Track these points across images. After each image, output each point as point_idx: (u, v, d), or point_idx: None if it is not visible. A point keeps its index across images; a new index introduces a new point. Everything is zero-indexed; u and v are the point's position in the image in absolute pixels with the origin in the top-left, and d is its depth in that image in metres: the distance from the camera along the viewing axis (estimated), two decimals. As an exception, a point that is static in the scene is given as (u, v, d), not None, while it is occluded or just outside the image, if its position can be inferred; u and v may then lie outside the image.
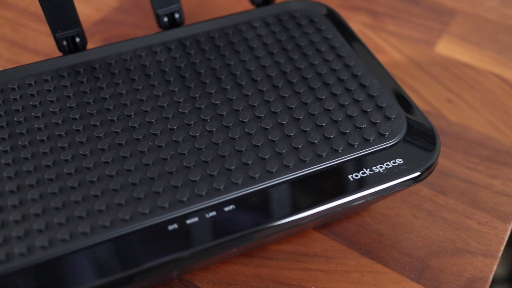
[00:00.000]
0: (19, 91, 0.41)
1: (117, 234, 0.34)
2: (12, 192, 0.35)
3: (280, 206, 0.35)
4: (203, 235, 0.34)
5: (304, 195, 0.36)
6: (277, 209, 0.35)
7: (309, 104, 0.40)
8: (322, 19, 0.46)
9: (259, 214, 0.35)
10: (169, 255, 0.33)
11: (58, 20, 0.43)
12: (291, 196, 0.36)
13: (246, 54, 0.44)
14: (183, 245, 0.33)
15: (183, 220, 0.34)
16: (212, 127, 0.39)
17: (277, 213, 0.35)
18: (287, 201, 0.36)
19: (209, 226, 0.34)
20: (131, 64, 0.43)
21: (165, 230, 0.34)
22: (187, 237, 0.34)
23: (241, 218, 0.35)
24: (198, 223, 0.34)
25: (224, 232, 0.34)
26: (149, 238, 0.34)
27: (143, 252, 0.33)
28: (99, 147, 0.37)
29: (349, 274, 0.40)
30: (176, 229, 0.34)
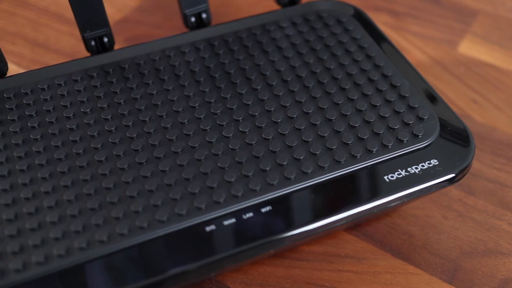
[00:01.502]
0: (49, 92, 0.41)
1: (154, 236, 0.33)
2: (47, 193, 0.35)
3: (317, 207, 0.35)
4: (241, 237, 0.34)
5: (340, 197, 0.36)
6: (314, 210, 0.35)
7: (341, 105, 0.40)
8: (349, 19, 0.46)
9: (295, 216, 0.35)
10: (208, 257, 0.33)
11: (87, 20, 0.43)
12: (327, 197, 0.36)
13: (275, 54, 0.43)
14: (221, 246, 0.33)
15: (221, 221, 0.34)
16: (245, 128, 0.38)
17: (314, 215, 0.35)
18: (324, 202, 0.36)
19: (246, 228, 0.34)
20: (160, 64, 0.43)
21: (203, 231, 0.34)
22: (225, 238, 0.34)
23: (278, 219, 0.35)
24: (235, 224, 0.34)
25: (262, 234, 0.34)
26: (186, 239, 0.34)
27: (182, 254, 0.33)
28: (132, 148, 0.37)
29: (381, 275, 0.40)
30: (214, 230, 0.34)
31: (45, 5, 0.60)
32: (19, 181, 0.35)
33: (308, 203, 0.35)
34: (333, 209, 0.35)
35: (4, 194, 0.35)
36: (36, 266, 0.32)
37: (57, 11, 0.59)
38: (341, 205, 0.35)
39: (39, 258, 0.32)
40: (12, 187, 0.35)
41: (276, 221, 0.35)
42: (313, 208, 0.35)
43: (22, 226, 0.34)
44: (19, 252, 0.32)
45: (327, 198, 0.36)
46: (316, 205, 0.35)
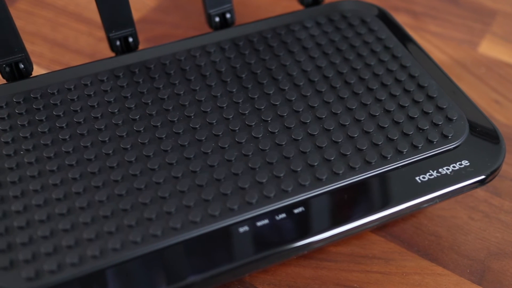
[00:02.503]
0: (76, 92, 0.40)
1: (187, 237, 0.33)
2: (78, 194, 0.35)
3: (349, 208, 0.35)
4: (275, 237, 0.34)
5: (372, 198, 0.36)
6: (347, 211, 0.35)
7: (370, 105, 0.40)
8: (373, 19, 0.46)
9: (328, 217, 0.35)
10: (243, 258, 0.33)
11: (113, 20, 0.43)
12: (359, 198, 0.36)
13: (301, 55, 0.43)
14: (256, 247, 0.33)
15: (254, 222, 0.34)
16: (274, 128, 0.38)
17: (347, 215, 0.35)
18: (356, 203, 0.35)
19: (280, 228, 0.34)
20: (186, 64, 0.42)
21: (236, 232, 0.34)
22: (260, 239, 0.34)
23: (311, 221, 0.35)
24: (268, 225, 0.34)
25: (295, 235, 0.34)
26: (220, 240, 0.33)
27: (216, 255, 0.33)
28: (162, 149, 0.37)
29: (409, 276, 0.40)
30: (247, 231, 0.34)
31: (63, 5, 0.59)
32: (50, 182, 0.35)
33: (341, 204, 0.35)
34: (366, 210, 0.35)
35: (35, 195, 0.35)
36: (70, 267, 0.32)
37: (75, 11, 0.59)
38: (374, 206, 0.35)
39: (73, 259, 0.32)
40: (43, 188, 0.35)
41: (309, 222, 0.34)
42: (347, 208, 0.35)
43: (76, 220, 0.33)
44: (52, 253, 0.32)
45: (360, 199, 0.36)
46: (348, 207, 0.35)
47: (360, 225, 0.35)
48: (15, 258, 0.32)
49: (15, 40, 0.40)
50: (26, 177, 0.35)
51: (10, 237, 0.33)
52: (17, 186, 0.35)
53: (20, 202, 0.34)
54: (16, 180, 0.35)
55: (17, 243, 0.33)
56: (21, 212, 0.34)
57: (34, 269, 0.31)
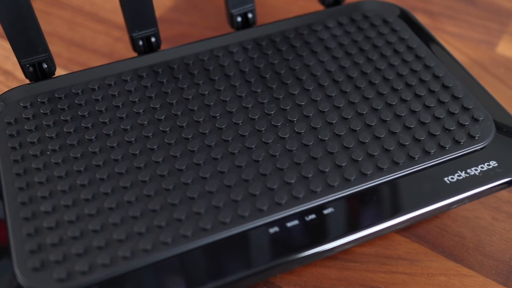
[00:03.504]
0: (100, 92, 0.40)
1: (217, 238, 0.33)
2: (106, 194, 0.35)
3: (379, 209, 0.35)
4: (305, 238, 0.34)
5: (402, 198, 0.35)
6: (377, 212, 0.35)
7: (395, 106, 0.40)
8: (395, 19, 0.46)
9: (358, 218, 0.35)
10: (274, 259, 0.33)
11: (136, 20, 0.43)
12: (388, 199, 0.35)
13: (324, 55, 0.43)
14: (288, 248, 0.33)
15: (284, 223, 0.34)
16: (300, 129, 0.38)
17: (377, 216, 0.35)
18: (386, 204, 0.35)
19: (309, 229, 0.34)
20: (209, 64, 0.42)
21: (266, 233, 0.34)
22: (290, 240, 0.33)
23: (340, 222, 0.34)
24: (298, 226, 0.34)
25: (325, 236, 0.34)
26: (251, 241, 0.33)
27: (247, 255, 0.33)
28: (189, 149, 0.37)
29: (435, 277, 0.39)
30: (277, 232, 0.34)
31: (79, 5, 0.59)
32: (77, 182, 0.35)
33: (370, 205, 0.35)
34: (396, 211, 0.35)
35: (64, 195, 0.34)
36: (101, 268, 0.32)
37: (91, 11, 0.59)
38: (403, 207, 0.35)
39: (105, 260, 0.32)
40: (71, 188, 0.35)
41: (338, 224, 0.34)
42: (376, 209, 0.35)
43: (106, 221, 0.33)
44: (83, 253, 0.32)
45: (389, 200, 0.35)
46: (378, 207, 0.35)
47: (390, 226, 0.34)
48: (45, 259, 0.32)
49: (39, 40, 0.40)
50: (54, 177, 0.35)
51: (40, 238, 0.33)
52: (45, 186, 0.35)
53: (48, 203, 0.34)
54: (43, 181, 0.35)
55: (47, 244, 0.32)
56: (50, 212, 0.34)
57: (65, 270, 0.31)
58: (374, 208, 0.35)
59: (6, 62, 0.54)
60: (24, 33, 0.40)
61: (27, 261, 0.32)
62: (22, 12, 0.39)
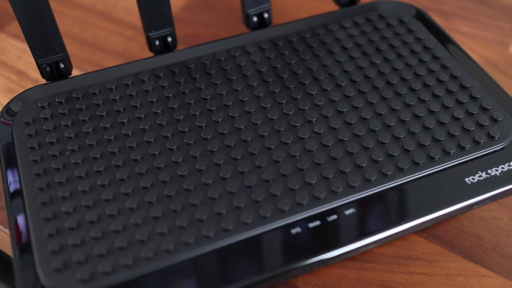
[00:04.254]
0: (118, 92, 0.40)
1: (239, 238, 0.33)
2: (127, 195, 0.35)
3: (400, 209, 0.35)
4: (327, 239, 0.33)
5: (423, 199, 0.35)
6: (398, 212, 0.35)
7: (413, 106, 0.40)
8: (412, 20, 0.46)
9: (380, 218, 0.35)
10: (296, 260, 0.33)
11: (153, 20, 0.43)
12: (409, 199, 0.35)
13: (341, 55, 0.43)
14: (310, 249, 0.33)
15: (306, 223, 0.34)
16: (319, 129, 0.38)
17: (399, 217, 0.35)
18: (407, 204, 0.35)
19: (331, 230, 0.34)
20: (226, 64, 0.42)
21: (288, 233, 0.33)
22: (312, 241, 0.33)
23: (362, 223, 0.34)
24: (320, 226, 0.34)
25: (349, 236, 0.34)
26: (272, 242, 0.33)
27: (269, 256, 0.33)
28: (208, 149, 0.37)
29: (454, 278, 0.39)
30: (299, 233, 0.34)
31: (91, 4, 0.59)
32: (98, 182, 0.35)
33: (392, 206, 0.35)
34: (417, 212, 0.35)
35: (85, 195, 0.34)
36: (124, 268, 0.32)
37: (103, 10, 0.59)
38: (425, 207, 0.35)
39: (128, 261, 0.32)
40: (91, 189, 0.35)
41: (360, 224, 0.34)
42: (397, 210, 0.35)
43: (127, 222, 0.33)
44: (105, 254, 0.32)
45: (410, 200, 0.35)
46: (400, 208, 0.35)
47: (412, 227, 0.34)
48: (68, 260, 0.32)
49: (56, 39, 0.40)
50: (74, 177, 0.35)
51: (62, 239, 0.32)
52: (65, 187, 0.35)
53: (69, 203, 0.34)
54: (64, 181, 0.35)
55: (69, 244, 0.32)
56: (71, 213, 0.34)
57: (88, 271, 0.31)
58: (395, 209, 0.35)
59: (19, 62, 0.53)
60: (42, 33, 0.39)
61: (50, 262, 0.31)
62: (41, 12, 0.39)
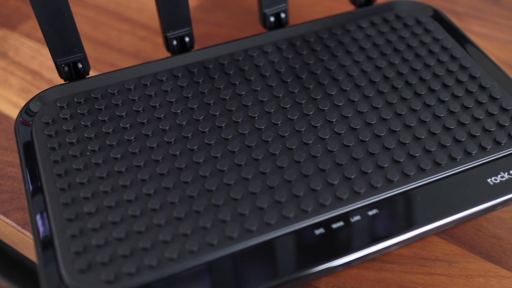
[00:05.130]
0: (137, 92, 0.40)
1: (262, 239, 0.33)
2: (149, 195, 0.34)
3: (423, 210, 0.35)
4: (352, 240, 0.33)
5: (445, 200, 0.35)
6: (421, 213, 0.35)
7: (433, 106, 0.40)
8: (429, 20, 0.46)
9: (402, 219, 0.35)
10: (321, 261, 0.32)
11: (171, 19, 0.42)
12: (432, 200, 0.35)
13: (359, 55, 0.43)
14: (333, 250, 0.33)
15: (329, 224, 0.34)
16: (340, 130, 0.38)
17: (422, 218, 0.34)
18: (429, 205, 0.35)
19: (355, 231, 0.34)
20: (244, 64, 0.42)
21: (312, 234, 0.33)
22: (336, 242, 0.33)
23: (386, 223, 0.34)
24: (343, 227, 0.34)
25: (373, 237, 0.34)
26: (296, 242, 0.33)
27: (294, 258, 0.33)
28: (229, 150, 0.37)
29: (474, 279, 0.39)
30: (323, 233, 0.33)
31: (103, 4, 0.59)
32: (119, 183, 0.35)
33: (415, 206, 0.35)
34: (440, 213, 0.35)
35: (107, 196, 0.34)
36: (148, 269, 0.31)
37: (116, 10, 0.58)
38: (447, 208, 0.35)
39: (152, 261, 0.32)
40: (113, 189, 0.35)
41: (383, 225, 0.34)
42: (421, 211, 0.35)
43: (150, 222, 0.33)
44: (129, 255, 0.32)
45: (432, 201, 0.35)
46: (421, 209, 0.35)
47: (435, 228, 0.34)
48: (92, 261, 0.32)
49: (75, 39, 0.40)
50: (95, 178, 0.35)
51: (85, 239, 0.32)
52: (87, 187, 0.35)
53: (91, 204, 0.34)
54: (85, 182, 0.35)
55: (92, 245, 0.32)
56: (94, 214, 0.33)
57: (113, 272, 0.31)
58: (418, 210, 0.35)
59: (32, 62, 0.53)
60: (61, 33, 0.39)
61: (74, 263, 0.31)
62: (60, 12, 0.38)
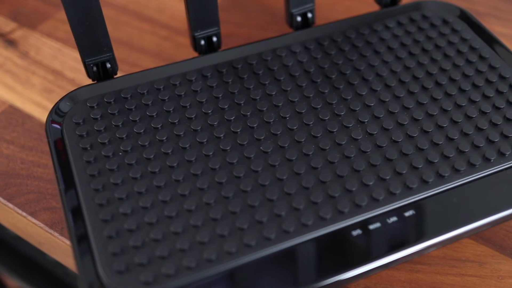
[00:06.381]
0: (167, 92, 0.40)
1: (299, 241, 0.33)
2: (184, 196, 0.34)
3: (460, 212, 0.35)
4: (389, 241, 0.33)
5: (481, 201, 0.35)
6: (458, 214, 0.35)
7: (465, 107, 0.39)
8: (456, 20, 0.46)
9: (439, 221, 0.34)
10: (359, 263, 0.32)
11: (200, 19, 0.42)
12: (468, 201, 0.35)
13: (388, 55, 0.43)
14: (372, 251, 0.33)
15: (366, 225, 0.34)
16: (372, 130, 0.38)
17: (458, 219, 0.34)
18: (466, 206, 0.35)
19: (393, 232, 0.34)
20: (273, 64, 0.42)
21: (349, 235, 0.33)
22: (374, 243, 0.33)
23: (423, 224, 0.34)
24: (380, 228, 0.34)
25: (409, 239, 0.33)
26: (333, 243, 0.33)
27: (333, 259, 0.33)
28: (262, 150, 0.37)
29: (505, 280, 0.39)
30: (360, 234, 0.33)
31: (123, 3, 0.59)
32: (154, 183, 0.35)
33: (449, 208, 0.35)
34: (476, 214, 0.34)
35: (142, 197, 0.34)
36: (187, 271, 0.31)
37: (136, 9, 0.58)
38: (483, 209, 0.35)
39: (190, 263, 0.31)
40: (147, 190, 0.34)
41: (421, 226, 0.34)
42: (455, 213, 0.35)
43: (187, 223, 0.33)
44: (167, 256, 0.32)
45: (469, 202, 0.35)
46: (458, 210, 0.35)
47: (471, 230, 0.34)
48: (130, 262, 0.31)
49: (105, 39, 0.40)
50: (129, 179, 0.35)
51: (122, 240, 0.32)
52: (121, 188, 0.34)
53: (127, 204, 0.34)
54: (119, 182, 0.35)
55: (129, 246, 0.32)
56: (129, 214, 0.33)
57: (152, 273, 0.31)
58: (455, 211, 0.35)
59: (53, 61, 0.53)
60: (91, 33, 0.39)
61: (112, 264, 0.31)
62: (91, 12, 0.38)
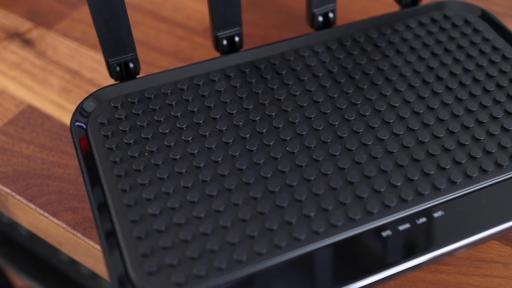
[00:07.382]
0: (190, 92, 0.40)
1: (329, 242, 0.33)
2: (211, 197, 0.34)
3: (488, 213, 0.35)
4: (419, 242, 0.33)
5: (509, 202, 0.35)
6: (487, 216, 0.34)
7: (490, 108, 0.39)
8: (477, 20, 0.46)
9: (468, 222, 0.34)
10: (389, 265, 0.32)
11: (223, 19, 0.42)
12: (496, 202, 0.35)
13: (410, 55, 0.43)
14: (404, 252, 0.33)
15: (396, 226, 0.33)
16: (398, 131, 0.38)
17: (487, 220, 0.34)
18: (494, 207, 0.35)
19: (421, 233, 0.33)
20: (296, 65, 0.42)
21: (379, 236, 0.33)
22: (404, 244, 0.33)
23: (452, 225, 0.34)
24: (410, 229, 0.33)
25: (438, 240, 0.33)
26: (364, 243, 0.33)
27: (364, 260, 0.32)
28: (289, 150, 0.36)
29: (530, 281, 0.39)
30: (390, 235, 0.33)
31: (139, 3, 0.59)
32: (181, 184, 0.34)
33: (477, 210, 0.35)
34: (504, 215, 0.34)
35: (170, 197, 0.34)
36: (217, 272, 0.31)
37: (151, 9, 0.58)
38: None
39: (221, 263, 0.31)
40: (175, 191, 0.34)
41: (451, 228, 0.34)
42: (485, 214, 0.35)
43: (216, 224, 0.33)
44: (197, 257, 0.32)
45: (497, 203, 0.35)
46: (487, 211, 0.35)
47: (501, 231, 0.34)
48: (161, 263, 0.31)
49: (128, 39, 0.40)
50: (156, 179, 0.35)
51: (152, 241, 0.32)
52: (149, 188, 0.34)
53: (155, 205, 0.33)
54: (146, 183, 0.35)
55: (159, 247, 0.32)
56: (158, 215, 0.33)
57: (183, 274, 0.31)
58: (483, 213, 0.35)
59: (71, 61, 0.53)
60: (115, 33, 0.39)
61: (143, 265, 0.31)
62: (116, 12, 0.38)
